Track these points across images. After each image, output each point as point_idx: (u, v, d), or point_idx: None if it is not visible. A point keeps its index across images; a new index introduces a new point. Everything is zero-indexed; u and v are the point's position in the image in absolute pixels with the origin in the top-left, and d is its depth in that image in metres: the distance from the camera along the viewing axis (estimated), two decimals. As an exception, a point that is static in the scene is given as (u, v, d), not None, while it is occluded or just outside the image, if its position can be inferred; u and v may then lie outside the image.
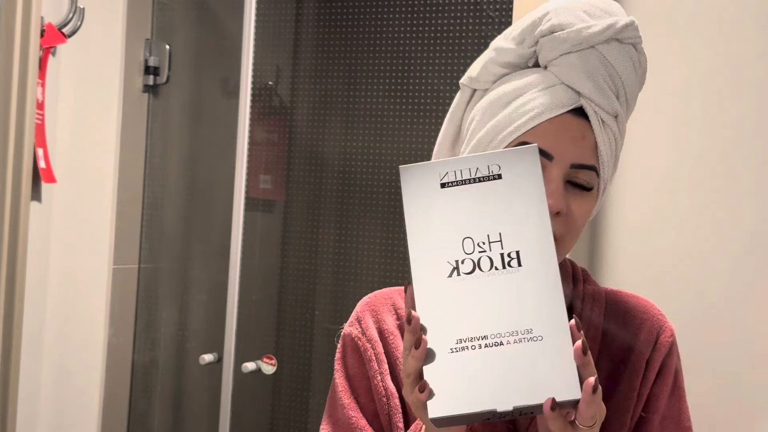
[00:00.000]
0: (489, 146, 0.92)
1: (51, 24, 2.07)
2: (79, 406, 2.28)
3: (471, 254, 0.75)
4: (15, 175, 1.93)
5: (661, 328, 0.98)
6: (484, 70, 0.97)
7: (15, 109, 1.92)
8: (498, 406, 0.70)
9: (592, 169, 0.91)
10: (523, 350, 0.71)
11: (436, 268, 0.75)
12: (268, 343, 2.29)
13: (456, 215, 0.77)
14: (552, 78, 0.92)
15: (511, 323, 0.72)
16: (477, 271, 0.75)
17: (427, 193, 0.79)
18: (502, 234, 0.76)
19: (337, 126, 2.23)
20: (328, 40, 2.24)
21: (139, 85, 2.35)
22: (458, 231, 0.76)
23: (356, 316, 1.04)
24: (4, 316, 1.92)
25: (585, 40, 0.90)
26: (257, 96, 2.24)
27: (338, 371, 1.01)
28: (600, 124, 0.91)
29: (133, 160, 2.35)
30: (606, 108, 0.91)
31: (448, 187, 0.79)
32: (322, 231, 2.25)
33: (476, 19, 2.08)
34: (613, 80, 0.91)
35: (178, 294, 2.40)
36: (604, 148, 0.91)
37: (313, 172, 2.26)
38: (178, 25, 2.41)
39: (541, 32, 0.92)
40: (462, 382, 0.71)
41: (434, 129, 2.11)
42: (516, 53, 0.95)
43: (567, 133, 0.90)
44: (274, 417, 2.31)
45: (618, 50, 0.91)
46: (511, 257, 0.75)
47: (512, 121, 0.91)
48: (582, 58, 0.91)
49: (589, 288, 1.00)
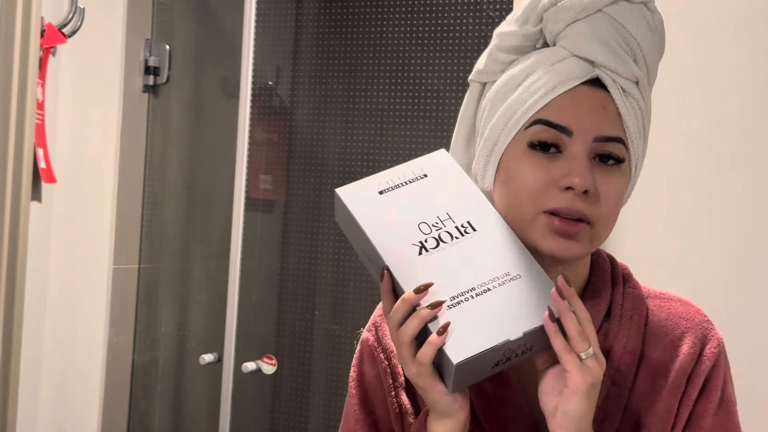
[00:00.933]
0: (503, 131, 0.86)
1: (51, 24, 2.07)
2: (79, 406, 2.28)
3: (430, 233, 0.83)
4: (15, 175, 1.93)
5: (705, 338, 0.89)
6: (490, 59, 0.90)
7: (15, 109, 1.92)
8: (510, 335, 0.75)
9: (618, 140, 0.83)
10: (509, 289, 0.79)
11: (404, 252, 0.82)
12: (268, 343, 2.29)
13: (403, 209, 0.85)
14: (561, 52, 0.85)
15: (488, 272, 0.80)
16: (441, 244, 0.82)
17: (369, 201, 0.86)
18: (449, 213, 0.84)
19: (337, 126, 2.23)
20: (328, 40, 2.24)
21: (139, 85, 2.35)
22: (411, 219, 0.84)
23: (374, 321, 0.97)
24: (4, 316, 1.92)
25: (591, 3, 0.84)
26: (257, 96, 2.24)
27: (354, 380, 0.96)
28: (620, 93, 0.83)
29: (133, 160, 2.35)
30: (624, 74, 0.83)
31: (385, 192, 0.87)
32: (322, 231, 2.25)
33: (476, 19, 2.08)
34: (627, 43, 0.84)
35: (178, 294, 2.40)
36: (629, 118, 0.84)
37: (313, 172, 2.26)
38: (178, 25, 2.41)
39: (544, 6, 0.86)
40: (468, 327, 0.76)
41: (434, 129, 2.11)
42: (520, 35, 0.88)
43: (585, 105, 0.82)
44: (274, 417, 2.31)
45: (629, 11, 0.84)
46: (464, 227, 0.83)
47: (524, 101, 0.84)
48: (590, 24, 0.84)
49: (630, 291, 0.91)
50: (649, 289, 0.94)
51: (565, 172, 0.81)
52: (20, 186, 1.94)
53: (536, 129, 0.83)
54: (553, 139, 0.83)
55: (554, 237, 0.82)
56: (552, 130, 0.82)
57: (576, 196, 0.81)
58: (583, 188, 0.81)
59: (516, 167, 0.84)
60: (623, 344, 0.87)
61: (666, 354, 0.88)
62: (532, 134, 0.83)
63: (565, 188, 0.81)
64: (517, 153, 0.84)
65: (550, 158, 0.83)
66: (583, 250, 0.83)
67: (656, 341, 0.88)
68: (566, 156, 0.82)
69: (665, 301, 0.92)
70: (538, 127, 0.83)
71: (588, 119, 0.82)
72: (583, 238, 0.83)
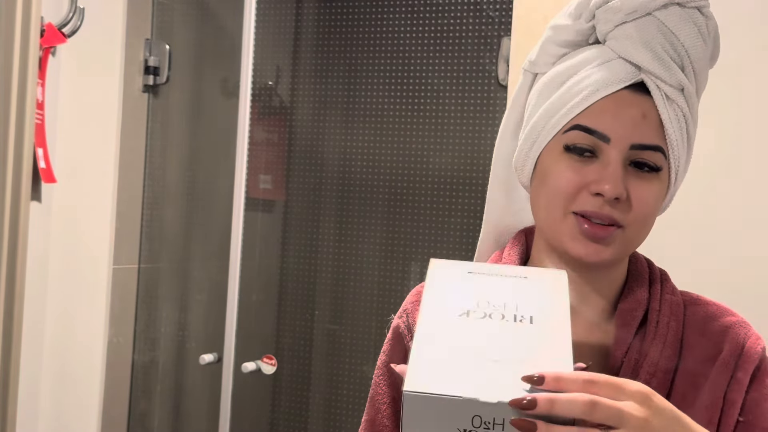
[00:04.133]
0: (542, 131, 0.86)
1: (51, 24, 2.07)
2: (79, 406, 2.28)
3: (485, 308, 0.74)
4: (15, 175, 1.93)
5: (746, 335, 0.87)
6: (542, 51, 0.90)
7: (15, 109, 1.92)
8: (481, 396, 0.63)
9: (657, 149, 0.82)
10: (515, 369, 0.67)
11: (447, 311, 0.74)
12: (268, 343, 2.29)
13: (477, 287, 0.77)
14: (608, 53, 0.84)
15: (509, 353, 0.69)
16: (487, 318, 0.73)
17: (452, 275, 0.79)
18: (517, 305, 0.75)
19: (337, 126, 2.23)
20: (328, 40, 2.24)
21: (139, 85, 2.35)
22: (474, 294, 0.76)
23: (405, 307, 0.95)
24: (4, 316, 1.92)
25: (640, 6, 0.82)
26: (257, 96, 2.24)
27: (381, 367, 0.93)
28: (664, 99, 0.82)
29: (133, 160, 2.34)
30: (669, 81, 0.82)
31: (474, 274, 0.79)
32: (322, 231, 2.25)
33: (476, 19, 2.08)
34: (675, 49, 0.82)
35: (178, 294, 2.40)
36: (671, 126, 0.82)
37: (313, 172, 2.26)
38: (178, 25, 2.41)
39: (596, 4, 0.85)
40: (449, 371, 0.66)
41: (434, 129, 2.11)
42: (573, 29, 0.87)
43: (626, 111, 0.82)
44: (274, 417, 2.30)
45: (679, 15, 0.82)
46: (523, 317, 0.73)
47: (565, 102, 0.84)
48: (638, 27, 0.82)
49: (668, 297, 0.89)
50: (685, 294, 0.93)
51: (598, 178, 0.82)
52: (20, 186, 1.94)
53: (574, 134, 0.84)
54: (590, 144, 0.83)
55: (583, 240, 0.82)
56: (589, 136, 0.83)
57: (605, 203, 0.81)
58: (613, 196, 0.81)
59: (551, 167, 0.85)
60: (659, 350, 0.85)
61: (705, 354, 0.86)
62: (569, 138, 0.84)
63: (595, 193, 0.82)
64: (554, 154, 0.85)
65: (585, 162, 0.83)
66: (612, 254, 0.83)
67: (694, 344, 0.87)
68: (601, 161, 0.83)
69: (701, 306, 0.91)
70: (575, 133, 0.83)
71: (626, 127, 0.82)
72: (613, 242, 0.83)
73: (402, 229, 2.15)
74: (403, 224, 2.15)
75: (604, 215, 0.81)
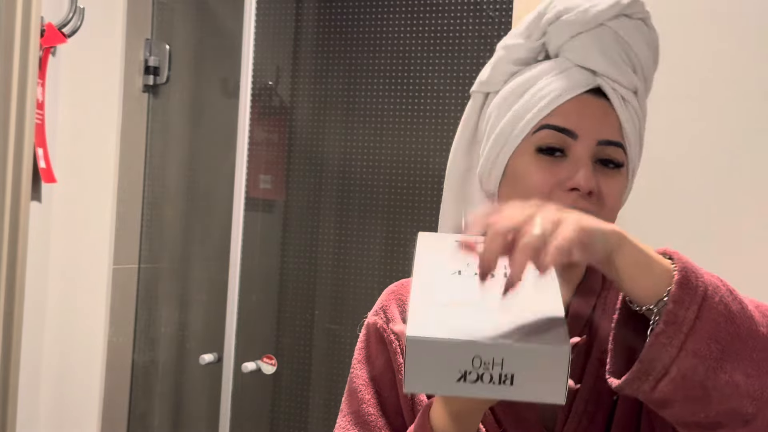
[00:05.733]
0: (511, 136, 0.91)
1: (51, 24, 2.07)
2: (79, 406, 2.28)
3: (474, 269, 0.72)
4: (15, 175, 1.93)
5: None
6: (495, 70, 0.96)
7: (15, 109, 1.92)
8: (479, 338, 0.66)
9: (618, 145, 0.89)
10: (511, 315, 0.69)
11: (439, 270, 0.75)
12: (268, 343, 2.29)
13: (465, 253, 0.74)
14: (565, 62, 0.91)
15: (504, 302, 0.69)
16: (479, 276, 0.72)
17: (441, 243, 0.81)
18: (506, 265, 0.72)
19: (337, 126, 2.23)
20: (328, 40, 2.24)
21: (139, 85, 2.35)
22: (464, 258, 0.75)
23: (381, 305, 1.00)
24: (4, 316, 1.92)
25: (594, 18, 0.89)
26: (257, 96, 2.24)
27: (359, 362, 0.98)
28: (621, 101, 0.89)
29: (133, 160, 2.34)
30: (624, 84, 0.89)
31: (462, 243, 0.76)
32: (322, 231, 2.25)
33: (476, 19, 2.08)
34: (627, 55, 0.90)
35: (178, 294, 2.40)
36: (628, 126, 0.89)
37: (313, 172, 2.26)
38: (178, 25, 2.41)
39: (548, 20, 0.92)
40: (446, 319, 0.68)
41: (434, 129, 2.11)
42: (525, 48, 0.94)
43: (589, 111, 0.88)
44: (274, 417, 2.31)
45: (629, 25, 0.90)
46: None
47: (531, 107, 0.90)
48: (593, 37, 0.90)
49: (606, 293, 0.95)
50: None
51: (570, 174, 0.87)
52: (20, 186, 1.94)
53: (543, 134, 0.89)
54: (560, 142, 0.88)
55: None
56: (558, 133, 0.88)
57: (580, 197, 0.86)
58: (588, 189, 0.86)
59: (524, 170, 0.89)
60: (607, 329, 0.88)
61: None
62: (539, 139, 0.89)
63: (570, 189, 0.86)
64: (525, 157, 0.90)
65: (556, 161, 0.88)
66: None
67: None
68: (571, 159, 0.88)
69: None
70: (545, 132, 0.89)
71: (592, 123, 0.88)
72: None
73: (402, 229, 2.15)
74: (403, 224, 2.15)
75: (580, 209, 0.83)
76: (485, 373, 0.67)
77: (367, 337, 0.98)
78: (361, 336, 1.00)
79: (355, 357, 0.99)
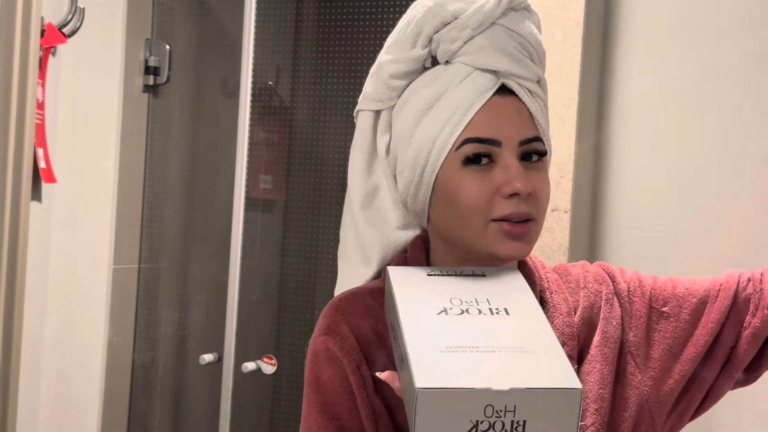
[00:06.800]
0: (431, 155, 0.89)
1: (51, 24, 2.07)
2: (79, 406, 2.28)
3: (459, 306, 0.77)
4: (15, 175, 1.93)
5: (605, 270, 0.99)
6: (383, 87, 0.95)
7: (15, 109, 1.92)
8: (494, 385, 0.65)
9: (537, 139, 0.90)
10: (514, 357, 0.69)
11: (424, 312, 0.75)
12: (268, 343, 2.29)
13: (443, 287, 0.80)
14: (464, 68, 0.90)
15: (501, 342, 0.71)
16: (465, 314, 0.75)
17: (414, 279, 0.82)
18: (489, 298, 0.78)
19: (337, 126, 2.23)
20: (328, 40, 2.24)
21: (139, 85, 2.35)
22: (446, 293, 0.79)
23: (326, 324, 0.91)
24: (4, 316, 1.92)
25: (485, 18, 0.89)
26: (257, 96, 2.24)
27: (312, 389, 0.90)
28: (528, 95, 0.89)
29: (133, 160, 2.35)
30: (528, 76, 0.90)
31: (433, 276, 0.83)
32: (322, 231, 2.25)
33: (476, 19, 2.08)
34: (524, 46, 0.90)
35: (178, 294, 2.40)
36: (539, 116, 0.90)
37: (313, 172, 2.26)
38: (178, 25, 2.41)
39: (434, 28, 0.91)
40: (451, 367, 0.67)
41: (434, 129, 2.11)
42: (410, 59, 0.93)
43: (503, 113, 0.88)
44: (274, 417, 2.31)
45: (517, 17, 0.90)
46: (498, 309, 0.77)
47: (444, 123, 0.88)
48: (487, 38, 0.89)
49: (550, 275, 0.99)
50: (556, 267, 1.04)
51: (505, 181, 0.86)
52: (20, 186, 1.94)
53: (467, 147, 0.87)
54: (485, 150, 0.87)
55: (509, 241, 0.87)
56: (483, 144, 0.87)
57: (520, 201, 0.86)
58: (528, 191, 0.86)
59: (457, 185, 0.88)
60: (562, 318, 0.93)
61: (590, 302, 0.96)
62: (464, 152, 0.88)
63: (508, 195, 0.86)
64: (453, 171, 0.88)
65: (486, 169, 0.87)
66: (532, 246, 0.89)
67: (580, 299, 0.96)
68: (500, 164, 0.87)
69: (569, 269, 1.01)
70: (468, 146, 0.87)
71: (509, 127, 0.88)
72: (532, 235, 0.89)
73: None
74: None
75: (523, 213, 0.87)
76: (497, 422, 0.65)
77: (316, 360, 0.90)
78: (308, 361, 0.92)
79: (306, 386, 0.92)
